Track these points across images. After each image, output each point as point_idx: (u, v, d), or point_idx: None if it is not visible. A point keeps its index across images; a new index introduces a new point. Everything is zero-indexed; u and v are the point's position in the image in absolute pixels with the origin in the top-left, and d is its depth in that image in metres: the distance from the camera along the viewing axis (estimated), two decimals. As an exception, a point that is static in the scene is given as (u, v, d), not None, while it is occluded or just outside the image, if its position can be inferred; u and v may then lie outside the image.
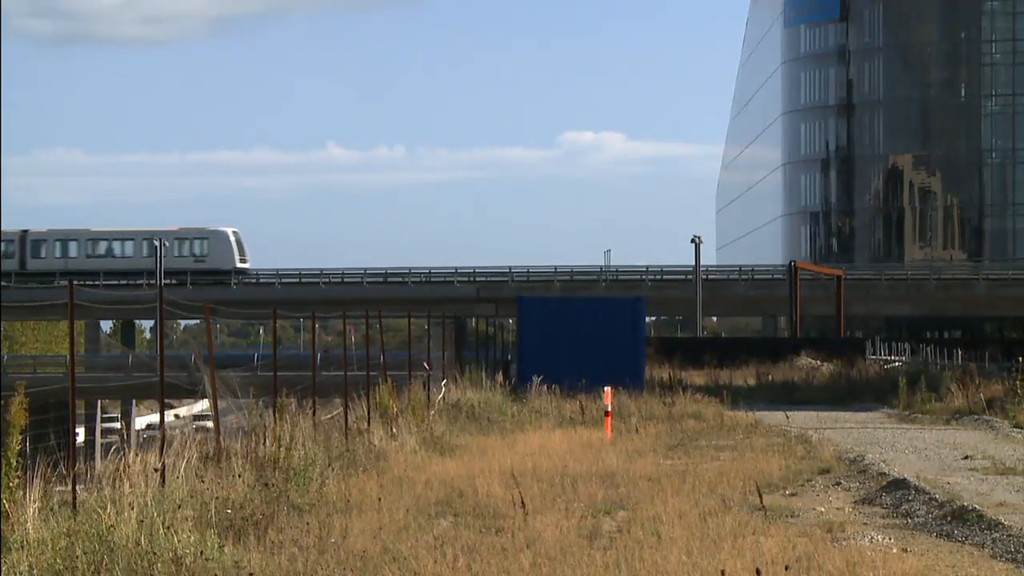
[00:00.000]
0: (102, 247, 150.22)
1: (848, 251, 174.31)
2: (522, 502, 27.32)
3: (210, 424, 36.82)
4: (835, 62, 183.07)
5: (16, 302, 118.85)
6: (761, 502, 28.19)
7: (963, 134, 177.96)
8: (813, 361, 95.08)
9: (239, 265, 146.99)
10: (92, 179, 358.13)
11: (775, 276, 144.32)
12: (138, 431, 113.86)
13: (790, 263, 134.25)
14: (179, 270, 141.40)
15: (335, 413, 44.64)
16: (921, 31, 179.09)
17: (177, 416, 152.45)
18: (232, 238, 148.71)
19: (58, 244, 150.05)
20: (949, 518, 27.84)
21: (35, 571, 18.29)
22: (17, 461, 20.71)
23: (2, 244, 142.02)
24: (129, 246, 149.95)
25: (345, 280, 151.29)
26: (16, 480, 20.67)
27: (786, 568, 19.31)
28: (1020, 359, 69.61)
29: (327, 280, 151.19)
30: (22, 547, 19.27)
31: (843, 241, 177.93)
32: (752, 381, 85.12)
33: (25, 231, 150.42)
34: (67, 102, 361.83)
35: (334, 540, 24.00)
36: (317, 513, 27.71)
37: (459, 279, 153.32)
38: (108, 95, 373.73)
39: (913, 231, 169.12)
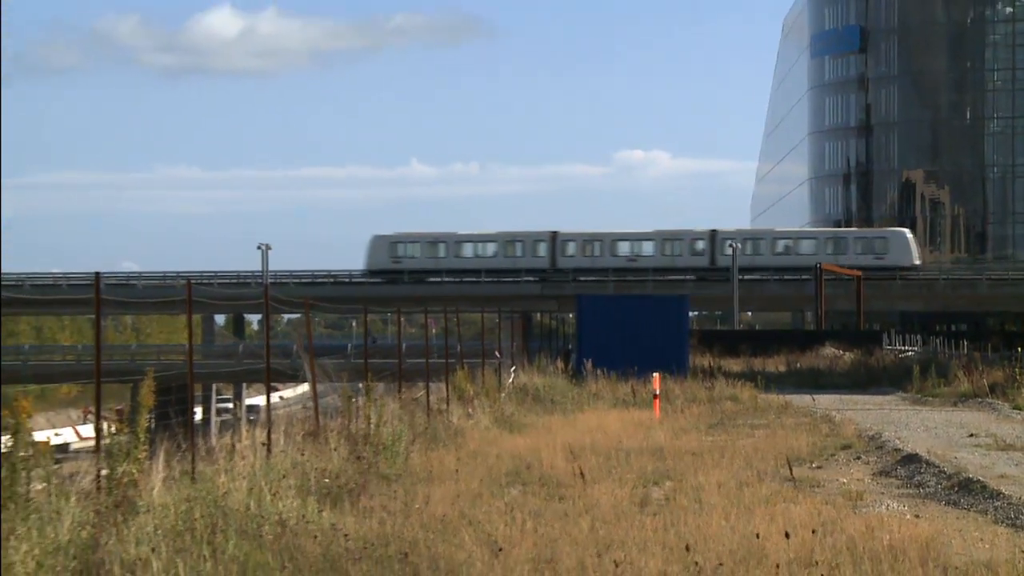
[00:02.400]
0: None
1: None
2: (581, 473, 27.34)
3: (310, 404, 36.86)
4: (855, 89, 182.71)
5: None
6: (791, 474, 28.14)
7: (968, 152, 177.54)
8: (836, 351, 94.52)
9: (916, 262, 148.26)
10: (208, 192, 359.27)
11: (802, 276, 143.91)
12: (247, 411, 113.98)
13: (816, 265, 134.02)
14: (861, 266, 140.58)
15: (418, 395, 44.63)
16: (932, 61, 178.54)
17: (282, 398, 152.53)
18: (909, 237, 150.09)
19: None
20: (956, 488, 27.77)
21: (160, 532, 18.36)
22: (145, 436, 20.77)
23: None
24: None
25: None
26: (144, 453, 20.75)
27: (812, 532, 19.27)
28: (1019, 349, 69.19)
29: (412, 279, 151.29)
30: (148, 511, 19.35)
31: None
32: (783, 368, 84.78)
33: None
34: (187, 125, 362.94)
35: (418, 506, 24.03)
36: (403, 482, 27.75)
37: (526, 278, 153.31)
38: (222, 119, 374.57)
39: (924, 237, 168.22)
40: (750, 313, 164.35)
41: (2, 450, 18.27)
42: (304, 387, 44.19)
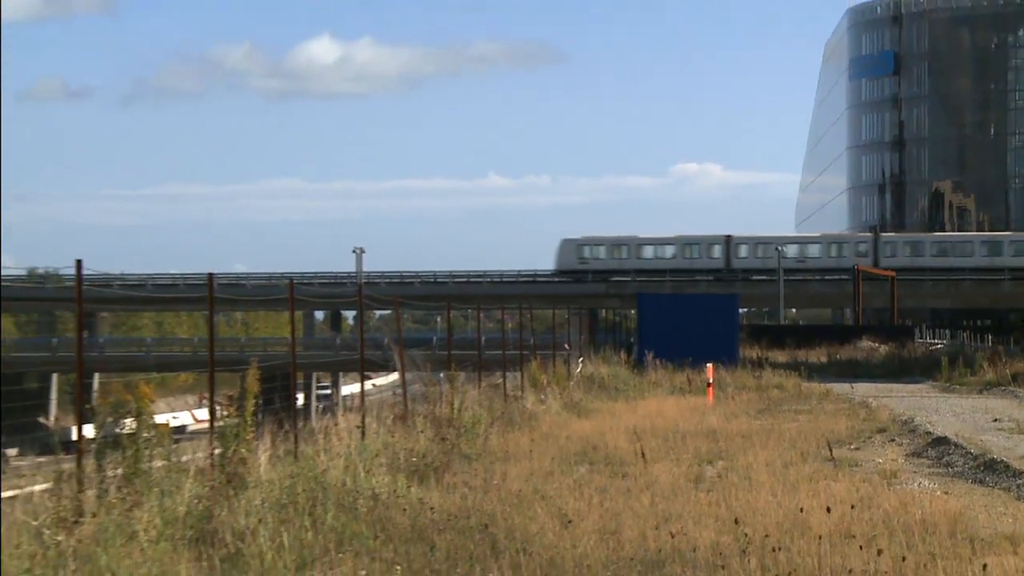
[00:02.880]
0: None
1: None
2: (642, 453, 27.30)
3: (400, 391, 36.94)
4: (889, 108, 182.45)
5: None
6: (831, 454, 28.03)
7: (992, 164, 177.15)
8: (872, 344, 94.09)
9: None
10: (308, 201, 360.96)
11: (842, 277, 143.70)
12: (344, 397, 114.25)
13: (854, 267, 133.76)
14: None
15: (496, 383, 44.68)
16: (959, 83, 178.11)
17: (374, 385, 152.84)
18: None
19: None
20: (982, 468, 27.61)
21: (266, 504, 18.45)
22: (252, 420, 20.87)
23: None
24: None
25: (504, 280, 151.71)
26: (252, 434, 20.85)
27: (851, 507, 19.21)
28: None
29: (489, 280, 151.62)
30: (256, 486, 19.45)
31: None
32: (824, 359, 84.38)
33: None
34: (290, 142, 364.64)
35: (496, 482, 24.05)
36: (482, 461, 27.77)
37: (592, 279, 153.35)
38: (321, 136, 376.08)
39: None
40: (794, 310, 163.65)
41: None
42: (394, 376, 44.19)
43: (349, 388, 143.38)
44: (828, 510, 18.18)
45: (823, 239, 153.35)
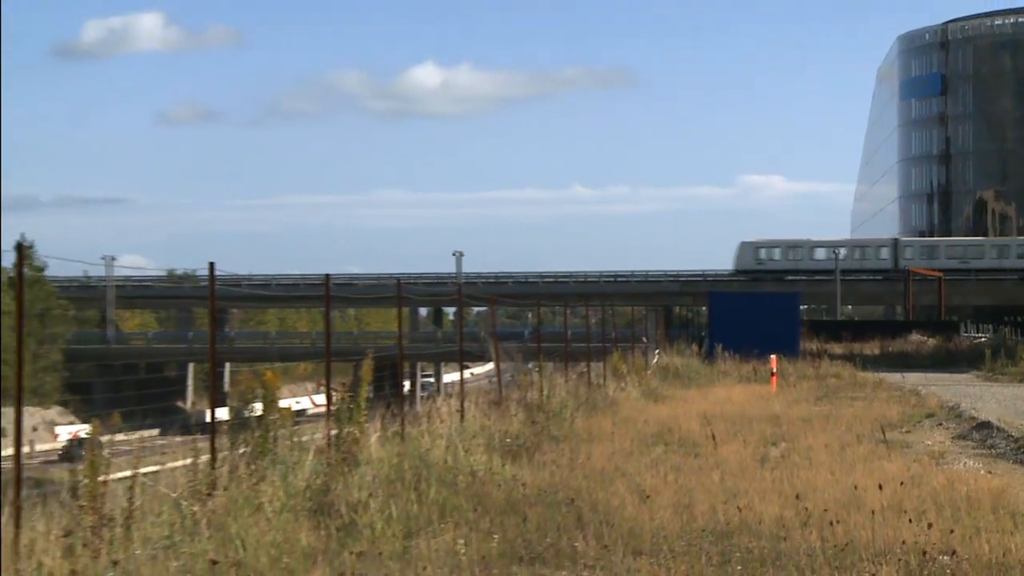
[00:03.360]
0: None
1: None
2: (713, 435, 27.22)
3: (495, 379, 37.01)
4: (937, 125, 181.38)
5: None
6: (884, 437, 27.86)
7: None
8: (921, 337, 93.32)
9: None
10: (414, 210, 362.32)
11: (893, 277, 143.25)
12: (445, 384, 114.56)
13: (905, 268, 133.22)
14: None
15: (581, 372, 44.64)
16: (1001, 102, 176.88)
17: (472, 374, 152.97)
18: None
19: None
20: (1022, 450, 27.41)
21: (376, 480, 18.53)
22: (365, 404, 20.94)
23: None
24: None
25: (587, 280, 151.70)
26: (364, 417, 20.92)
27: (902, 484, 19.11)
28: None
29: (574, 279, 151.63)
30: (368, 463, 19.53)
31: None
32: (877, 351, 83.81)
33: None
34: (399, 157, 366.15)
35: (581, 461, 24.04)
36: (569, 442, 27.76)
37: (667, 279, 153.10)
38: (426, 152, 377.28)
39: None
40: (850, 307, 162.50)
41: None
42: (489, 365, 44.31)
43: (450, 376, 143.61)
44: (881, 487, 18.10)
45: (987, 243, 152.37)
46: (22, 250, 14.99)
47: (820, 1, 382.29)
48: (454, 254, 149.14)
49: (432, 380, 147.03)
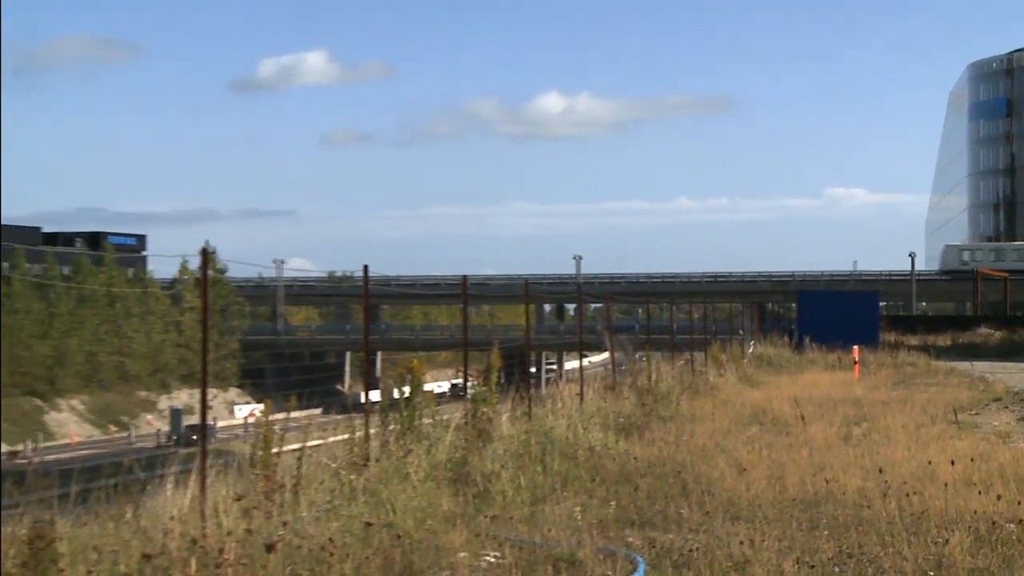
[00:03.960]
0: None
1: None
2: (802, 416, 27.01)
3: (610, 367, 36.94)
4: (1003, 143, 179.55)
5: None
6: (955, 418, 27.51)
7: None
8: (989, 331, 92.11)
9: None
10: (540, 219, 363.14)
11: (965, 278, 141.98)
12: (566, 371, 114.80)
13: (974, 269, 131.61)
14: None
15: (684, 360, 44.44)
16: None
17: (590, 362, 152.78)
18: None
19: None
20: (1077, 431, 26.99)
21: (507, 453, 18.52)
22: (496, 388, 20.97)
23: None
24: None
25: (690, 280, 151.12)
26: (496, 399, 20.94)
27: (971, 460, 18.80)
28: None
29: (679, 280, 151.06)
30: (499, 439, 19.54)
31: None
32: (948, 343, 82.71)
33: None
34: (526, 173, 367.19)
35: (685, 438, 23.93)
36: (674, 421, 27.64)
37: (761, 279, 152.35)
38: (550, 169, 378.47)
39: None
40: (925, 303, 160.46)
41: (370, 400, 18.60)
42: (605, 355, 44.33)
43: (570, 364, 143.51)
44: (952, 463, 17.86)
45: None
46: (206, 255, 15.14)
47: (897, 31, 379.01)
48: (574, 257, 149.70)
49: (555, 367, 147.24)
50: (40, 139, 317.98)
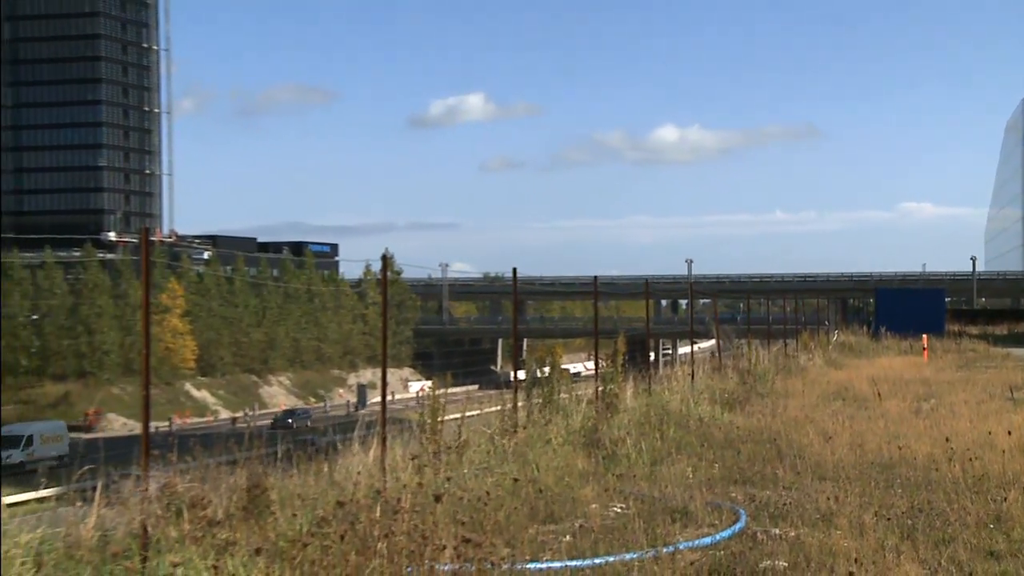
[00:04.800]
0: None
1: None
2: (878, 393, 26.52)
3: (715, 351, 36.74)
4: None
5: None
6: (1011, 395, 26.83)
7: None
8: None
9: None
10: (655, 230, 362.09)
11: (1019, 278, 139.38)
12: (679, 355, 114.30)
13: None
14: None
15: (778, 347, 43.95)
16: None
17: (699, 348, 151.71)
18: None
19: None
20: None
21: (630, 423, 18.46)
22: (621, 369, 20.90)
23: None
24: None
25: (784, 280, 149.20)
26: (621, 378, 20.87)
27: None
28: None
29: (775, 279, 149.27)
30: (624, 411, 19.49)
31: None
32: (1005, 332, 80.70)
33: None
34: (643, 192, 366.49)
35: (779, 411, 23.60)
36: (770, 397, 27.30)
37: (843, 279, 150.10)
38: (665, 187, 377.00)
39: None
40: (984, 299, 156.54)
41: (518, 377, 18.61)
42: (711, 342, 44.03)
43: (683, 349, 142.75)
44: (1009, 433, 17.40)
45: None
46: (385, 260, 15.28)
47: (959, 68, 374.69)
48: (686, 261, 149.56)
49: (670, 352, 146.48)
50: (257, 166, 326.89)
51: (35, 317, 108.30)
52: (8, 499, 10.10)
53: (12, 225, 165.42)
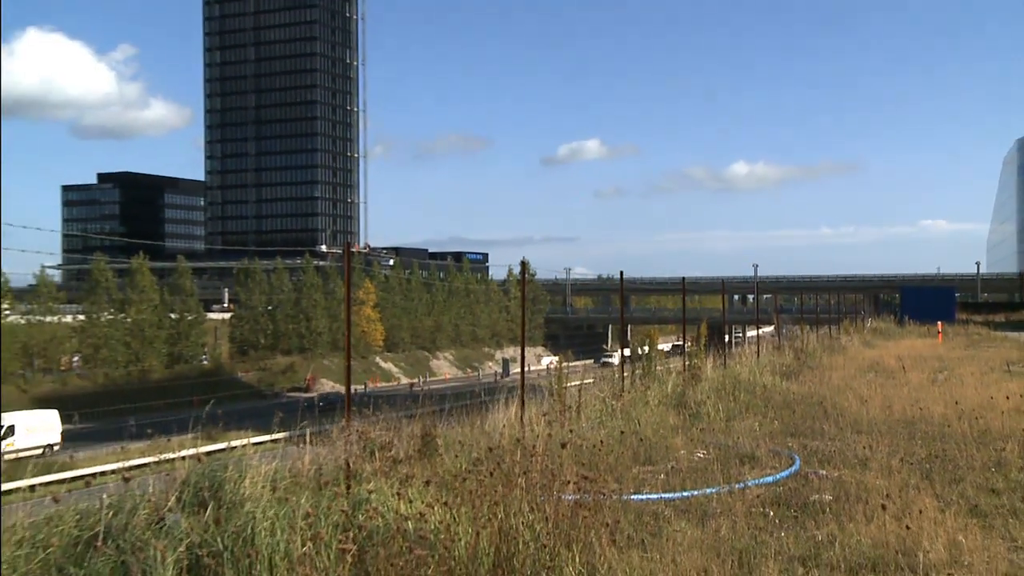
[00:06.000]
0: None
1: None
2: (903, 367, 25.83)
3: (774, 335, 36.11)
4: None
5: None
6: (1008, 368, 25.93)
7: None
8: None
9: None
10: (731, 242, 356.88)
11: (1013, 278, 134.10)
12: (748, 338, 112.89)
13: (1020, 272, 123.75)
14: None
15: (824, 331, 42.99)
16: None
17: (763, 332, 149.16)
18: None
19: None
20: (1090, 378, 25.09)
21: (710, 389, 18.23)
22: (703, 348, 20.67)
23: None
24: None
25: (829, 280, 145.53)
26: (703, 355, 20.62)
27: (1020, 396, 17.66)
28: None
29: (822, 279, 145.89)
30: (705, 380, 19.21)
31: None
32: (1003, 320, 77.91)
33: None
34: (722, 213, 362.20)
35: (825, 380, 23.11)
36: (818, 370, 26.70)
37: (876, 279, 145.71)
38: (739, 210, 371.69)
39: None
40: (986, 294, 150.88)
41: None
42: (772, 327, 43.40)
43: (751, 333, 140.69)
44: (1007, 398, 16.87)
45: None
46: (524, 265, 15.40)
47: (969, 110, 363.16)
48: (753, 265, 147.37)
49: (740, 335, 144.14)
50: (428, 195, 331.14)
51: (270, 308, 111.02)
52: (254, 439, 10.33)
53: (255, 240, 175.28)
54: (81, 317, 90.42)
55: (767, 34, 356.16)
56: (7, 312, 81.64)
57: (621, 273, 19.56)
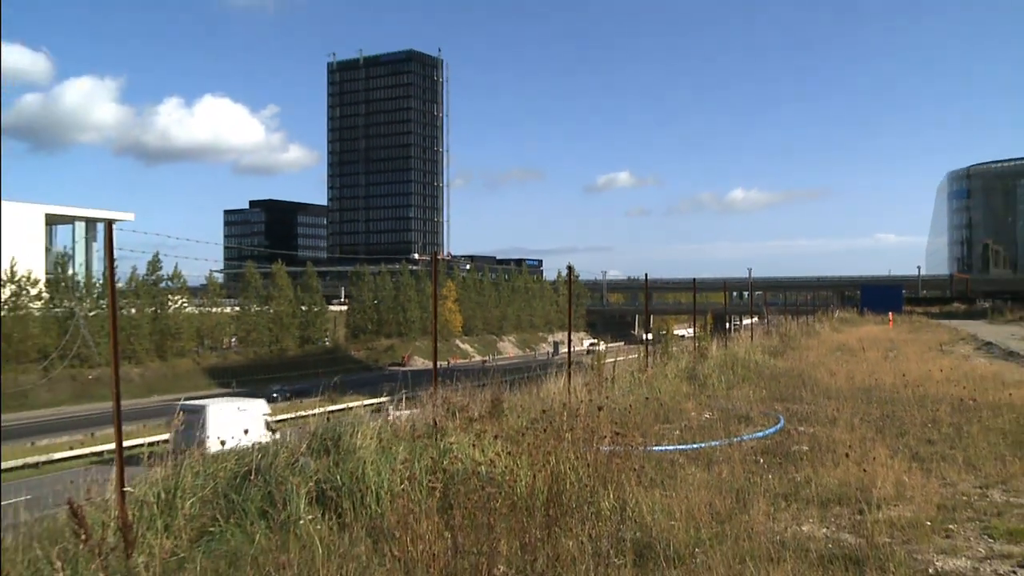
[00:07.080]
0: None
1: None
2: (862, 347, 25.29)
3: (767, 324, 35.53)
4: (964, 212, 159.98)
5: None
6: (941, 348, 25.29)
7: (1015, 235, 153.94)
8: (960, 304, 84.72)
9: None
10: (734, 252, 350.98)
11: (945, 279, 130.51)
12: (744, 325, 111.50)
13: (950, 274, 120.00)
14: None
15: (803, 320, 42.25)
16: (995, 202, 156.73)
17: (755, 321, 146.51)
18: None
19: None
20: (1008, 355, 24.33)
21: (714, 364, 17.93)
22: (709, 332, 20.40)
23: None
24: None
25: (806, 280, 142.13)
26: (708, 339, 20.39)
27: (951, 368, 17.25)
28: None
29: (800, 280, 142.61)
30: (710, 358, 18.88)
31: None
32: (938, 311, 75.91)
33: None
34: (723, 228, 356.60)
35: (803, 358, 22.65)
36: (798, 350, 26.14)
37: (842, 280, 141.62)
38: (737, 226, 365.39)
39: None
40: (925, 291, 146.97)
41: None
42: (762, 318, 42.78)
43: (746, 322, 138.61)
44: (940, 370, 16.49)
45: None
46: (570, 269, 15.49)
47: (912, 145, 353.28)
48: (748, 269, 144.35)
49: (739, 324, 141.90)
50: (496, 215, 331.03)
51: (375, 302, 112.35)
52: (364, 402, 10.46)
53: (364, 250, 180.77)
54: (237, 309, 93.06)
55: (762, 90, 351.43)
56: (183, 304, 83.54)
57: (646, 275, 19.44)
